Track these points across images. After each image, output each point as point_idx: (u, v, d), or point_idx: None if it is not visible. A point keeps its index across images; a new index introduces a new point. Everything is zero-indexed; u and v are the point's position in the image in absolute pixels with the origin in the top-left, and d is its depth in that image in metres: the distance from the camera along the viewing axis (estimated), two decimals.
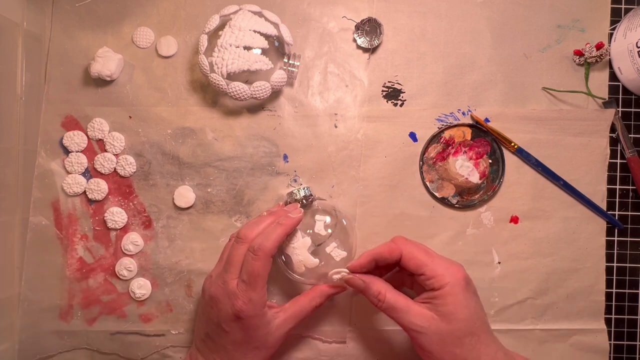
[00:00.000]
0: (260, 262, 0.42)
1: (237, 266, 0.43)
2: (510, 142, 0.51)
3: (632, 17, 0.50)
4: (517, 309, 0.51)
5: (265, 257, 0.42)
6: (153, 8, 0.52)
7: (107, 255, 0.51)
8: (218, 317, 0.42)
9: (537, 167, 0.51)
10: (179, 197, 0.51)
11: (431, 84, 0.52)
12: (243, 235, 0.44)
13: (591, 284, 0.51)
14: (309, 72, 0.52)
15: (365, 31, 0.52)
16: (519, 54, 0.52)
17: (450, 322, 0.40)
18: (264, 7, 0.49)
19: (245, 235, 0.44)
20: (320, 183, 0.51)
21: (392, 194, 0.51)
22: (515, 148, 0.51)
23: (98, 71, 0.49)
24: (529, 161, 0.51)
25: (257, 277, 0.41)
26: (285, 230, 0.43)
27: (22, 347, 0.50)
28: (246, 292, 0.41)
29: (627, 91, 0.52)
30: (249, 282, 0.41)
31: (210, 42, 0.48)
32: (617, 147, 0.52)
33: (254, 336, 0.42)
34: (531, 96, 0.52)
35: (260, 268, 0.41)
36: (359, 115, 0.52)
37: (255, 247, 0.42)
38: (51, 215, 0.51)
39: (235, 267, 0.43)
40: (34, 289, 0.50)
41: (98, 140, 0.51)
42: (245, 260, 0.42)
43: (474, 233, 0.52)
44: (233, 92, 0.47)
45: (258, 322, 0.42)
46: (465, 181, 0.51)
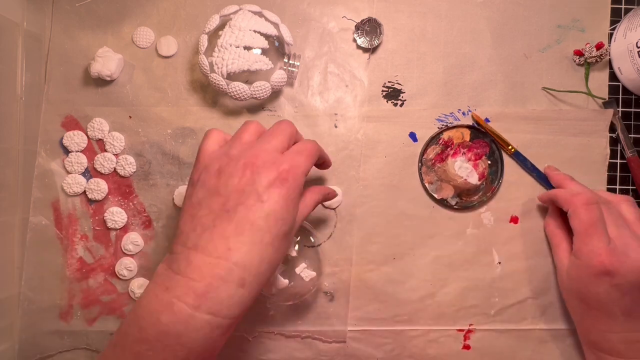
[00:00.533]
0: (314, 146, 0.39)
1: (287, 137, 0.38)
2: (508, 144, 0.51)
3: (632, 17, 0.50)
4: (517, 309, 0.51)
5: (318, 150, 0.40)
6: (153, 8, 0.52)
7: (107, 255, 0.51)
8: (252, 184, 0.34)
9: (532, 172, 0.51)
10: (179, 197, 0.51)
11: (431, 84, 0.52)
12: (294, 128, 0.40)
13: None
14: (309, 72, 0.52)
15: (365, 31, 0.52)
16: (519, 54, 0.52)
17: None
18: (264, 7, 0.49)
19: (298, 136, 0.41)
20: (320, 183, 0.51)
21: (392, 194, 0.51)
22: (512, 151, 0.51)
23: (98, 71, 0.49)
24: (525, 166, 0.51)
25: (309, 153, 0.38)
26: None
27: (22, 347, 0.50)
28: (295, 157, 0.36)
29: (627, 91, 0.53)
30: (300, 152, 0.37)
31: (210, 42, 0.48)
32: (617, 147, 0.52)
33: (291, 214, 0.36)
34: (531, 96, 0.52)
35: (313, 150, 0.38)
36: (359, 115, 0.52)
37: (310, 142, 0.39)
38: (51, 215, 0.51)
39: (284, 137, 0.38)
40: (34, 289, 0.50)
41: (98, 140, 0.51)
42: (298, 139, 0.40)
43: (474, 233, 0.52)
44: (233, 92, 0.47)
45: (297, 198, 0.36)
46: (464, 182, 0.51)
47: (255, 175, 0.35)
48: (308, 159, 0.38)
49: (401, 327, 0.51)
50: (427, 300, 0.51)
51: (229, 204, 0.34)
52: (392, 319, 0.51)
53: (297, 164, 0.36)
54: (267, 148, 0.36)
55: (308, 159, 0.38)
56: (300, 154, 0.37)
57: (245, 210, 0.34)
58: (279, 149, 0.37)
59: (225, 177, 0.35)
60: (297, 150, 0.38)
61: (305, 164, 0.37)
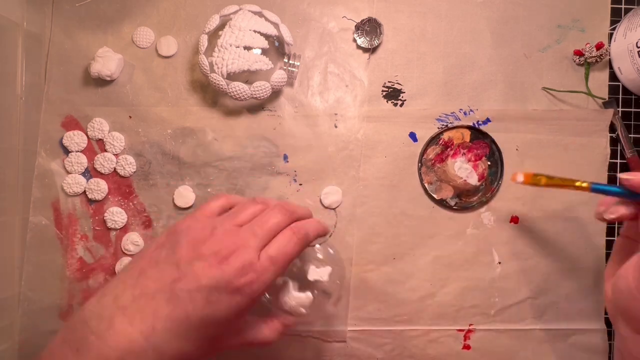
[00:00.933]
0: (300, 249, 0.35)
1: (270, 235, 0.35)
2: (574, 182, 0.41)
3: (632, 17, 0.50)
4: (517, 309, 0.51)
5: (305, 246, 0.36)
6: (153, 8, 0.52)
7: (107, 255, 0.51)
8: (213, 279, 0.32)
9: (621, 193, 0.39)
10: (179, 197, 0.51)
11: (431, 84, 0.52)
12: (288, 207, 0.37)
13: (591, 284, 0.51)
14: (309, 72, 0.52)
15: (365, 31, 0.52)
16: (519, 54, 0.52)
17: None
18: (264, 7, 0.49)
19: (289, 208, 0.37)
20: (320, 183, 0.51)
21: (392, 194, 0.51)
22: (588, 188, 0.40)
23: (98, 71, 0.49)
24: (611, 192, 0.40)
25: (287, 260, 0.35)
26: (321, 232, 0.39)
27: (22, 347, 0.49)
28: (267, 270, 0.33)
29: (627, 91, 0.53)
30: (276, 261, 0.34)
31: (210, 42, 0.48)
32: (617, 147, 0.52)
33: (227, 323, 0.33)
34: (531, 96, 0.52)
35: (296, 254, 0.35)
36: (359, 115, 0.52)
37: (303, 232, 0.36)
38: (51, 215, 0.51)
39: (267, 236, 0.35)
40: (34, 289, 0.50)
41: (98, 140, 0.51)
42: (285, 237, 0.35)
43: (474, 233, 0.52)
44: (233, 92, 0.47)
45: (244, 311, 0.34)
46: (464, 183, 0.51)
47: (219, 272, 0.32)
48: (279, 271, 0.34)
49: (401, 327, 0.51)
50: (427, 300, 0.51)
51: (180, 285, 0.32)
52: (392, 319, 0.51)
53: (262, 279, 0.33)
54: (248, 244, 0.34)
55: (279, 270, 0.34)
56: (274, 263, 0.34)
57: (188, 301, 0.32)
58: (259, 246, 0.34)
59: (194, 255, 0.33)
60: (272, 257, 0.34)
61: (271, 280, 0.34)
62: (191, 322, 0.32)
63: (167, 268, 0.33)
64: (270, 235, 0.35)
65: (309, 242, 0.37)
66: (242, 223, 0.36)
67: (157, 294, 0.32)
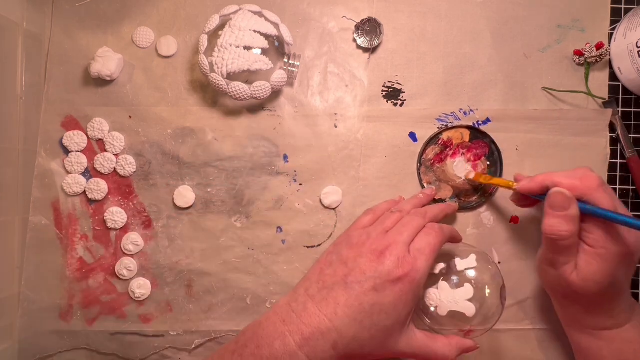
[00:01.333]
0: (441, 239, 0.42)
1: (412, 234, 0.41)
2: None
3: (632, 17, 0.50)
4: (517, 309, 0.51)
5: (444, 237, 0.42)
6: (153, 8, 0.52)
7: (107, 255, 0.51)
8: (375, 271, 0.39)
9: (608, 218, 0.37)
10: (179, 197, 0.51)
11: (431, 84, 0.52)
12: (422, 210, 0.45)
13: None
14: (309, 72, 0.52)
15: (365, 31, 0.52)
16: (519, 54, 0.52)
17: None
18: (264, 7, 0.49)
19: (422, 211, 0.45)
20: (320, 183, 0.51)
21: (392, 194, 0.51)
22: None
23: (98, 71, 0.49)
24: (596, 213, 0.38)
25: (433, 249, 0.41)
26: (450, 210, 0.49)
27: (22, 347, 0.50)
28: (418, 260, 0.40)
29: (627, 91, 0.53)
30: (424, 251, 0.40)
31: (210, 42, 0.48)
32: (617, 147, 0.52)
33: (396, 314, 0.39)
34: (531, 96, 0.52)
35: (438, 244, 0.41)
36: (359, 115, 0.52)
37: (437, 226, 0.43)
38: (51, 215, 0.51)
39: (410, 234, 0.41)
40: (34, 289, 0.50)
41: (98, 140, 0.51)
42: (426, 231, 0.42)
43: (474, 233, 0.52)
44: (233, 92, 0.47)
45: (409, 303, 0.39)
46: (463, 183, 0.51)
47: (379, 265, 0.39)
48: (429, 260, 0.40)
49: None
50: None
51: (350, 277, 0.40)
52: None
53: (417, 267, 0.39)
54: (398, 240, 0.41)
55: (429, 259, 0.40)
56: (423, 254, 0.40)
57: (359, 290, 0.39)
58: (407, 242, 0.41)
59: (357, 254, 0.41)
60: (419, 249, 0.40)
61: (425, 267, 0.40)
62: (364, 308, 0.38)
63: (339, 266, 0.41)
64: (413, 234, 0.41)
65: (445, 235, 0.43)
66: (389, 229, 0.43)
67: (335, 286, 0.40)
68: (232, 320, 0.51)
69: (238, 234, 0.51)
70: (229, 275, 0.51)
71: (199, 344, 0.50)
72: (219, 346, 0.50)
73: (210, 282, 0.51)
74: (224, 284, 0.51)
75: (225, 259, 0.51)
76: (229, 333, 0.50)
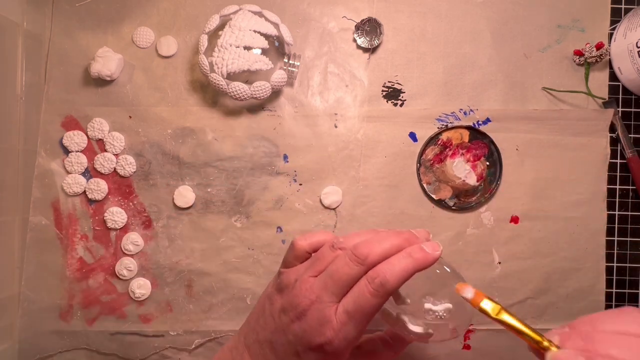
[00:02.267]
0: (378, 301, 0.32)
1: (343, 287, 0.33)
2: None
3: (632, 17, 0.50)
4: (517, 309, 0.51)
5: (385, 296, 0.32)
6: (153, 8, 0.52)
7: (107, 255, 0.51)
8: (296, 337, 0.33)
9: None
10: (179, 197, 0.51)
11: (431, 84, 0.52)
12: (360, 254, 0.33)
13: (591, 284, 0.51)
14: (309, 72, 0.52)
15: (365, 31, 0.52)
16: (519, 54, 0.52)
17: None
18: (264, 7, 0.49)
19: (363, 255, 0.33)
20: (320, 183, 0.51)
21: (392, 194, 0.51)
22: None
23: (98, 71, 0.49)
24: None
25: (367, 315, 0.32)
26: (415, 267, 0.33)
27: (22, 347, 0.50)
28: (345, 326, 0.32)
29: (627, 91, 0.52)
30: (354, 316, 0.32)
31: (210, 42, 0.48)
32: (617, 147, 0.52)
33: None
34: (531, 96, 0.52)
35: (374, 308, 0.32)
36: (359, 115, 0.52)
37: (378, 280, 0.32)
38: (51, 215, 0.51)
39: (339, 288, 0.33)
40: (34, 289, 0.50)
41: (98, 140, 0.51)
42: (359, 289, 0.32)
43: (474, 233, 0.52)
44: (233, 92, 0.47)
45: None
46: (463, 183, 0.51)
47: (299, 329, 0.33)
48: (359, 326, 0.32)
49: None
50: None
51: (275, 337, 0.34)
52: None
53: (341, 336, 0.32)
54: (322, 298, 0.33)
55: (359, 325, 0.32)
56: (351, 318, 0.32)
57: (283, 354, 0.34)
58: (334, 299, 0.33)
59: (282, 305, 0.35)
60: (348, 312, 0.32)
61: (352, 336, 0.32)
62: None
63: (269, 319, 0.35)
64: (342, 287, 0.33)
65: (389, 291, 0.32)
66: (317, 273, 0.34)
67: (264, 343, 0.35)
68: (232, 320, 0.51)
69: (238, 234, 0.51)
70: (229, 275, 0.51)
71: (199, 344, 0.50)
72: (219, 346, 0.50)
73: (210, 282, 0.51)
74: (224, 284, 0.51)
75: (225, 259, 0.51)
76: (228, 333, 0.50)
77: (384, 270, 0.32)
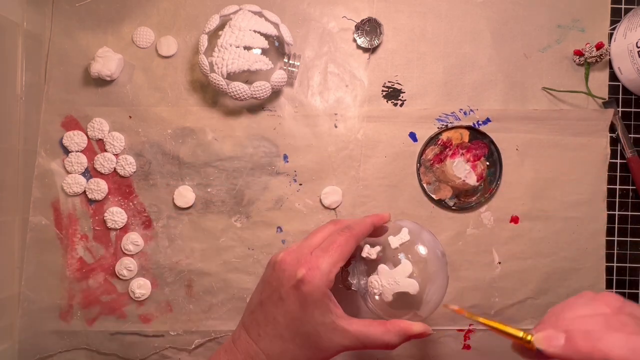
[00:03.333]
0: (344, 238, 0.38)
1: (321, 238, 0.40)
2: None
3: (632, 17, 0.50)
4: (517, 309, 0.51)
5: (351, 236, 0.39)
6: (153, 8, 0.52)
7: (107, 255, 0.51)
8: (278, 281, 0.38)
9: None
10: (179, 197, 0.51)
11: (431, 84, 0.52)
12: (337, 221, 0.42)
13: (591, 284, 0.51)
14: (309, 72, 0.52)
15: (365, 31, 0.52)
16: (519, 54, 0.52)
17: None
18: (264, 7, 0.49)
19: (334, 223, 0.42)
20: (320, 183, 0.51)
21: (392, 194, 0.51)
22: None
23: (98, 71, 0.49)
24: None
25: (336, 247, 0.38)
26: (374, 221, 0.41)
27: (22, 347, 0.50)
28: (318, 258, 0.37)
29: (627, 91, 0.52)
30: (325, 249, 0.38)
31: (210, 42, 0.48)
32: (617, 147, 0.52)
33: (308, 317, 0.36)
34: (531, 96, 0.52)
35: (342, 241, 0.38)
36: (359, 115, 0.52)
37: (344, 225, 0.40)
38: (51, 215, 0.51)
39: (318, 238, 0.40)
40: (34, 289, 0.50)
41: (98, 140, 0.51)
42: (331, 234, 0.40)
43: (474, 233, 0.52)
44: (233, 92, 0.47)
45: (318, 302, 0.36)
46: (463, 183, 0.51)
47: (280, 273, 0.38)
48: (332, 258, 0.37)
49: None
50: None
51: (263, 295, 0.39)
52: None
53: (317, 265, 0.37)
54: (301, 247, 0.39)
55: (332, 257, 0.37)
56: (325, 252, 0.38)
57: (271, 305, 0.38)
58: (311, 247, 0.39)
59: (269, 272, 0.39)
60: (322, 248, 0.38)
61: (327, 265, 0.37)
62: (278, 322, 0.37)
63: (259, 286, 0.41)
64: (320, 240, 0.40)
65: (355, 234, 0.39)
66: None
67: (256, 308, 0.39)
68: (232, 320, 0.51)
69: (238, 234, 0.51)
70: (229, 275, 0.51)
71: (199, 343, 0.50)
72: (219, 346, 0.50)
73: (210, 282, 0.51)
74: (224, 284, 0.51)
75: (225, 259, 0.51)
76: (228, 333, 0.51)
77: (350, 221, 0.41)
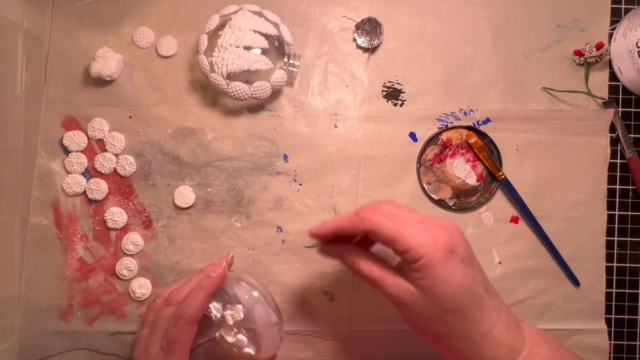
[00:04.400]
0: (180, 330, 0.41)
1: (162, 331, 0.43)
2: (499, 170, 0.50)
3: (632, 17, 0.50)
4: (517, 309, 0.51)
5: (186, 325, 0.41)
6: (153, 8, 0.52)
7: (107, 255, 0.51)
8: None
9: (517, 204, 0.51)
10: (179, 197, 0.51)
11: (431, 84, 0.52)
12: (171, 297, 0.44)
13: (591, 284, 0.52)
14: (309, 72, 0.52)
15: (365, 31, 0.52)
16: (519, 54, 0.52)
17: (430, 297, 0.34)
18: (264, 7, 0.49)
19: (173, 297, 0.44)
20: (320, 183, 0.51)
21: (392, 194, 0.51)
22: (502, 178, 0.50)
23: (98, 71, 0.49)
24: (511, 196, 0.51)
25: (176, 345, 0.41)
26: (207, 293, 0.43)
27: (22, 347, 0.50)
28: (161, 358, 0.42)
29: (627, 91, 0.53)
30: (167, 349, 0.41)
31: (210, 42, 0.48)
32: (617, 147, 0.52)
33: None
34: (531, 96, 0.52)
35: (179, 336, 0.41)
36: (359, 115, 0.52)
37: (177, 314, 0.42)
38: (51, 215, 0.51)
39: (160, 332, 0.43)
40: (34, 289, 0.50)
41: (98, 140, 0.51)
42: (168, 326, 0.42)
43: (474, 233, 0.52)
44: (233, 92, 0.47)
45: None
46: (462, 183, 0.51)
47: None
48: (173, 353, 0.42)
49: (401, 327, 0.51)
50: None
51: None
52: (393, 318, 0.51)
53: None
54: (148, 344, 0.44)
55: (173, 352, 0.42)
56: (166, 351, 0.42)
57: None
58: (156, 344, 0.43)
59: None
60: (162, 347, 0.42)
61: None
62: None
63: None
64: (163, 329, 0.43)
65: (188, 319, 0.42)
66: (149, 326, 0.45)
67: None
68: None
69: (238, 234, 0.51)
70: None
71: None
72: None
73: None
74: None
75: None
76: None
77: (183, 305, 0.42)
